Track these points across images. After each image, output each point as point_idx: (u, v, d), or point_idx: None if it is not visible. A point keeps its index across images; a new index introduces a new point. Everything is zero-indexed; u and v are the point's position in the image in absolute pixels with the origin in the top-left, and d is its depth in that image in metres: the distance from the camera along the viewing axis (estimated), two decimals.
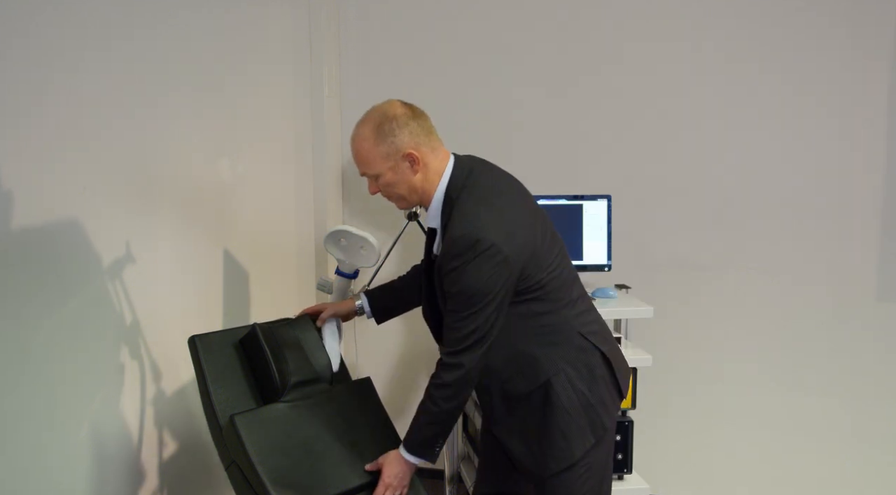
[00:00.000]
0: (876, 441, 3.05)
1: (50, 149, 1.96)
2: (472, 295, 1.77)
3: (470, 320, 1.79)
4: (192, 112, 2.56)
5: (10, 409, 1.86)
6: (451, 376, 1.82)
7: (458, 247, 1.76)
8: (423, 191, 1.90)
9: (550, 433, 1.87)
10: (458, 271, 1.77)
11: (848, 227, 2.99)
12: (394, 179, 1.87)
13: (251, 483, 1.81)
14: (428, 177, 1.88)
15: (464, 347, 1.80)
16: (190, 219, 2.57)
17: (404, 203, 1.95)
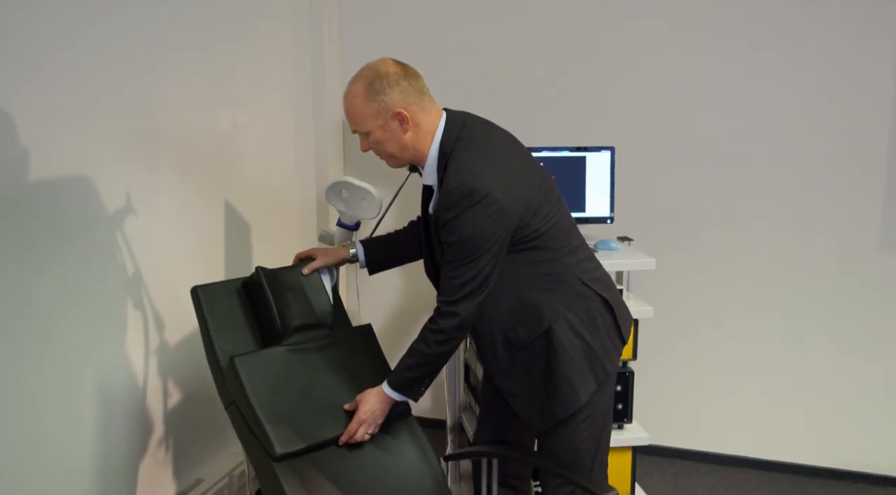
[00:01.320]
0: (877, 390, 3.07)
1: (49, 100, 1.95)
2: (467, 244, 1.78)
3: (466, 269, 1.80)
4: (192, 64, 2.54)
5: (14, 358, 1.87)
6: (447, 323, 1.84)
7: (454, 198, 1.77)
8: (416, 150, 1.90)
9: (555, 380, 1.88)
10: (454, 221, 1.77)
11: (852, 178, 2.97)
12: (384, 137, 1.88)
13: (249, 422, 1.83)
14: (419, 136, 1.89)
15: (460, 296, 1.82)
16: (191, 170, 2.56)
17: (395, 161, 1.96)
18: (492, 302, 1.88)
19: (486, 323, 1.92)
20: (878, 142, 2.92)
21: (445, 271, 1.85)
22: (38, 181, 1.93)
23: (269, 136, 3.08)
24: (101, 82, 2.13)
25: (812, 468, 3.19)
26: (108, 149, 2.17)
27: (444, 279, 1.85)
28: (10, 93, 1.84)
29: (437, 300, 1.88)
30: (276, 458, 1.77)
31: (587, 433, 1.95)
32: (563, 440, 1.95)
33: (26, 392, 1.92)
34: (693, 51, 3.05)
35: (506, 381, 1.98)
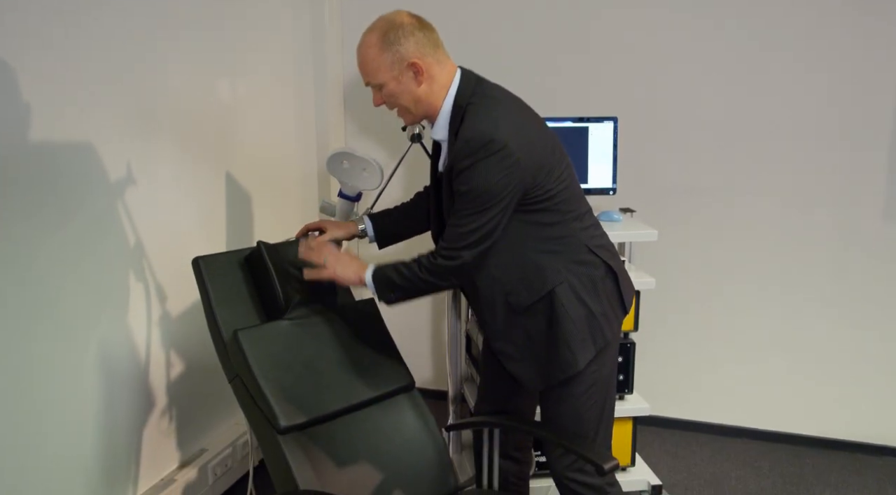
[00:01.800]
0: (876, 361, 3.09)
1: (50, 71, 1.93)
2: (480, 194, 1.76)
3: (474, 218, 1.78)
4: (193, 34, 2.51)
5: (16, 329, 1.88)
6: (446, 263, 1.82)
7: (471, 146, 1.75)
8: (429, 104, 1.87)
9: (554, 343, 1.89)
10: (469, 170, 1.75)
11: (855, 149, 2.95)
12: (397, 89, 1.85)
13: (253, 395, 1.84)
14: (433, 89, 1.86)
15: (464, 244, 1.80)
16: (191, 140, 2.55)
17: (409, 116, 1.93)
18: (496, 262, 1.87)
19: (489, 283, 1.91)
20: (882, 112, 2.90)
21: (453, 220, 1.82)
22: (38, 151, 1.92)
23: (270, 107, 3.06)
24: (102, 53, 2.11)
25: (811, 438, 3.22)
26: (108, 120, 2.16)
27: (449, 227, 1.83)
28: (11, 64, 1.81)
29: (438, 246, 1.86)
30: (281, 431, 1.78)
31: (591, 402, 1.95)
32: (566, 408, 1.95)
33: (28, 362, 1.92)
34: (698, 23, 3.01)
35: (503, 344, 1.97)
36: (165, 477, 2.51)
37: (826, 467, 3.06)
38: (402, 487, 1.91)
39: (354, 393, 1.94)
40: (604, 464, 1.70)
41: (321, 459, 1.82)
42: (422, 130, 2.63)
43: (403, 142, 2.76)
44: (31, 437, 1.95)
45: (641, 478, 2.74)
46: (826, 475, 3.00)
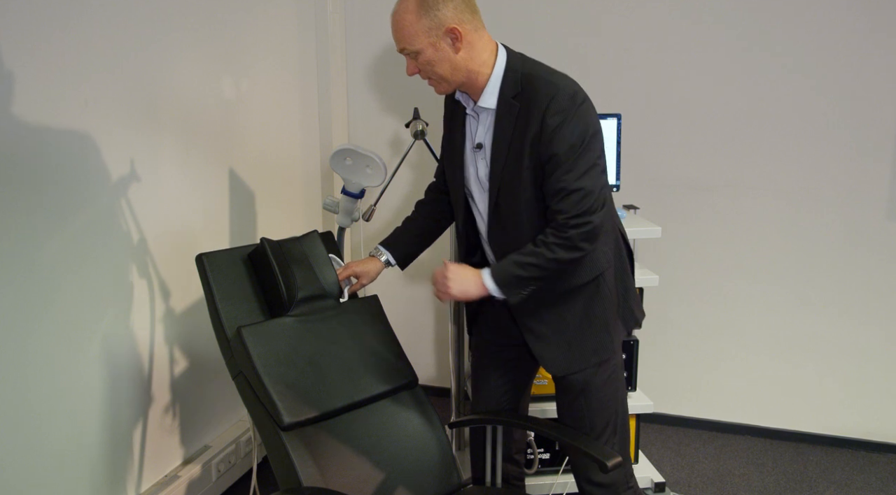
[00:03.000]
0: (880, 359, 3.08)
1: (54, 66, 1.93)
2: (584, 145, 1.73)
3: (588, 177, 1.74)
4: (196, 30, 2.51)
5: (20, 325, 1.88)
6: (578, 230, 1.75)
7: (559, 103, 1.72)
8: (468, 72, 1.81)
9: (592, 325, 1.88)
10: (565, 124, 1.71)
11: (859, 146, 2.94)
12: (434, 57, 1.78)
13: (257, 392, 1.84)
14: (472, 56, 1.79)
15: (587, 207, 1.75)
16: (195, 137, 2.55)
17: (444, 85, 1.85)
18: None
19: None
20: (887, 110, 2.89)
21: (563, 185, 1.74)
22: (42, 147, 1.92)
23: (274, 104, 3.06)
24: (106, 49, 2.11)
25: (814, 435, 3.21)
26: (112, 116, 2.16)
27: (562, 198, 1.75)
28: (16, 58, 1.81)
29: (559, 219, 1.77)
30: (284, 427, 1.78)
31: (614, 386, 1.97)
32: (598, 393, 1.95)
33: (32, 359, 1.93)
34: (704, 19, 3.00)
35: (535, 323, 1.93)
36: (169, 473, 2.52)
37: (829, 464, 3.06)
38: (405, 484, 1.91)
39: (358, 389, 1.94)
40: (607, 461, 1.70)
41: (324, 456, 1.82)
42: (425, 127, 2.62)
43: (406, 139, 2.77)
44: (36, 434, 1.95)
45: (645, 476, 2.74)
46: (829, 472, 2.99)
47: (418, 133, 2.64)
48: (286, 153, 3.18)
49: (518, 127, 1.78)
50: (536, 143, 1.75)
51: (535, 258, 1.78)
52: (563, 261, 1.79)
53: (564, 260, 1.78)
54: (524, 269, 1.79)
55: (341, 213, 2.48)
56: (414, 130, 2.64)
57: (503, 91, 1.81)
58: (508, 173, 1.82)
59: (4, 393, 1.85)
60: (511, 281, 1.81)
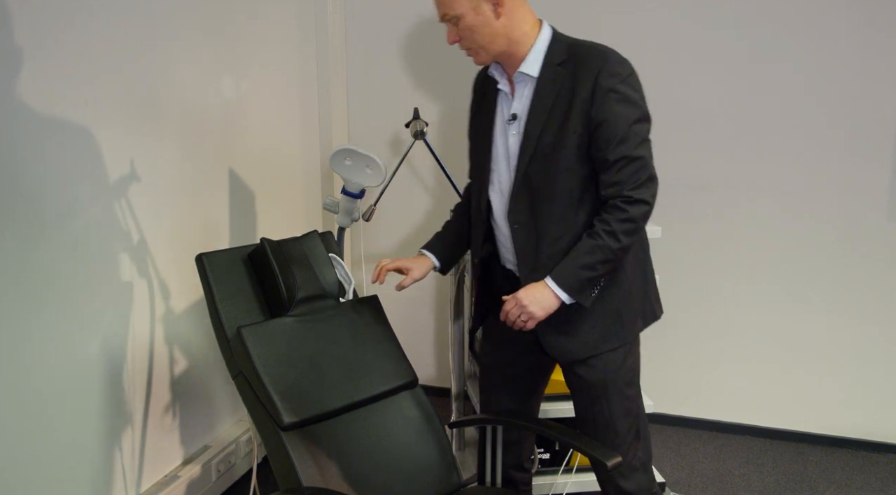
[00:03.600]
0: (879, 359, 3.08)
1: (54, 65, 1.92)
2: (641, 111, 1.73)
3: (644, 148, 1.74)
4: (196, 30, 2.51)
5: (19, 325, 1.88)
6: (638, 210, 1.73)
7: (612, 66, 1.71)
8: (508, 40, 1.79)
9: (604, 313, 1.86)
10: (619, 88, 1.71)
11: (859, 147, 2.94)
12: (475, 23, 1.76)
13: (257, 392, 1.84)
14: (514, 23, 1.78)
15: (644, 179, 1.74)
16: (195, 137, 2.55)
17: (483, 54, 1.82)
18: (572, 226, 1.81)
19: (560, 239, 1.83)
20: (887, 111, 2.89)
21: (621, 154, 1.72)
22: (42, 147, 1.92)
23: (274, 104, 3.06)
24: (106, 49, 2.11)
25: (814, 435, 3.21)
26: (112, 116, 2.16)
27: (620, 167, 1.73)
28: (16, 58, 1.81)
29: (615, 192, 1.74)
30: (284, 427, 1.78)
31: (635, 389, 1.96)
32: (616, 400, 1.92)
33: (32, 359, 1.93)
34: (704, 20, 3.01)
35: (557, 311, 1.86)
36: (169, 473, 2.52)
37: (829, 464, 3.06)
38: (405, 484, 1.91)
39: (358, 389, 1.94)
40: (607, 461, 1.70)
41: (324, 456, 1.82)
42: (425, 127, 2.63)
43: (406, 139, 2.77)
44: (36, 434, 1.95)
45: None
46: (829, 472, 2.99)
47: (418, 133, 2.64)
48: (286, 153, 3.18)
49: (562, 93, 1.76)
50: (586, 106, 1.73)
51: (603, 253, 1.75)
52: (629, 248, 1.77)
53: (628, 246, 1.76)
54: (593, 270, 1.76)
55: (341, 213, 2.48)
56: (414, 130, 2.64)
57: (548, 58, 1.79)
58: (545, 142, 1.79)
59: (4, 394, 1.85)
60: (583, 285, 1.78)
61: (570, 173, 1.79)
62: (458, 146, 3.32)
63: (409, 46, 3.33)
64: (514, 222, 1.89)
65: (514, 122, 1.85)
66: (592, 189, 1.81)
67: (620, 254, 1.77)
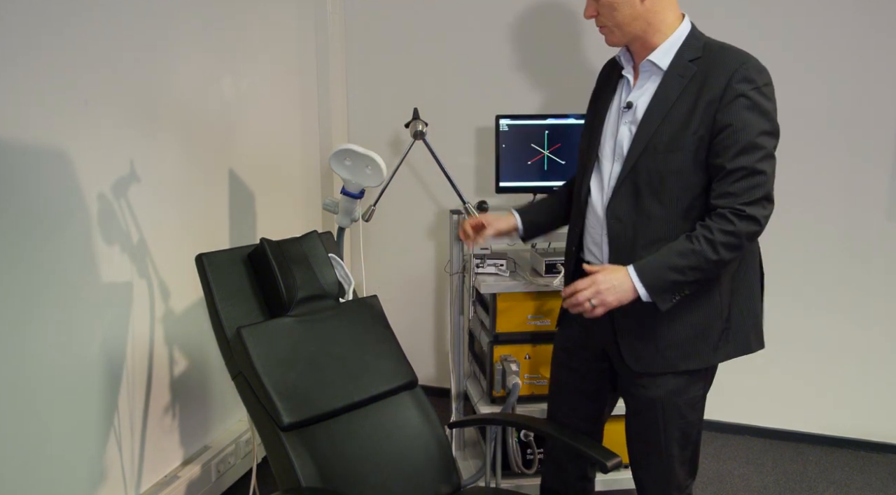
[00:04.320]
0: (881, 361, 3.08)
1: (52, 67, 1.92)
2: (771, 124, 1.62)
3: (768, 163, 1.60)
4: (196, 30, 2.51)
5: (19, 326, 1.88)
6: (746, 227, 1.60)
7: (750, 71, 1.60)
8: (647, 24, 1.71)
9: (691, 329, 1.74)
10: (753, 94, 1.60)
11: (858, 148, 2.94)
12: (618, 0, 1.69)
13: (256, 392, 1.84)
14: (657, 8, 1.70)
15: (758, 198, 1.60)
16: (195, 137, 2.55)
17: (618, 34, 1.75)
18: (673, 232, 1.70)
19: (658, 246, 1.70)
20: (886, 113, 2.89)
21: (742, 164, 1.59)
22: (41, 148, 1.92)
23: (274, 104, 3.06)
24: (106, 48, 2.11)
25: (813, 435, 3.21)
26: (111, 117, 2.16)
27: (738, 178, 1.60)
28: (15, 58, 1.81)
29: (726, 204, 1.61)
30: (284, 428, 1.78)
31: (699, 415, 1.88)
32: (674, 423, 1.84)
33: (32, 360, 1.93)
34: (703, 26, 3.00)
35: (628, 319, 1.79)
36: (169, 473, 2.52)
37: (829, 464, 3.06)
38: (405, 484, 1.91)
39: (357, 390, 1.94)
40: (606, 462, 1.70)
41: (324, 456, 1.82)
42: (425, 127, 2.62)
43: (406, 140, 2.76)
44: (35, 434, 1.95)
45: None
46: (829, 472, 2.99)
47: (418, 133, 2.64)
48: (286, 153, 3.18)
49: (689, 90, 1.67)
50: (712, 107, 1.63)
51: (696, 260, 1.63)
52: (725, 263, 1.65)
53: (726, 261, 1.64)
54: (682, 274, 1.64)
55: (341, 214, 2.48)
56: (413, 130, 2.64)
57: (681, 52, 1.71)
58: (661, 139, 1.69)
59: (4, 395, 1.85)
60: (666, 286, 1.66)
61: (682, 177, 1.68)
62: (458, 146, 3.32)
63: (409, 46, 3.33)
64: (612, 216, 1.78)
65: (628, 111, 1.77)
66: (703, 199, 1.69)
67: (715, 266, 1.65)
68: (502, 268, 2.69)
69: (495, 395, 2.65)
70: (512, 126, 2.85)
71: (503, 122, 2.84)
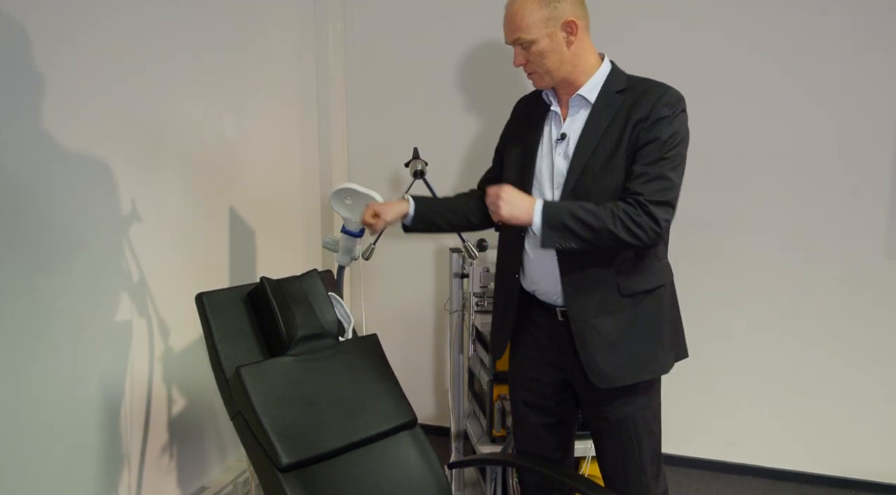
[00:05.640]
0: (883, 398, 3.06)
1: (54, 105, 1.95)
2: (679, 142, 1.78)
3: (676, 174, 1.78)
4: (198, 69, 2.54)
5: (18, 364, 1.87)
6: (645, 222, 1.74)
7: (670, 98, 1.79)
8: (573, 67, 1.86)
9: (649, 335, 1.88)
10: (669, 119, 1.77)
11: (856, 185, 2.96)
12: (548, 48, 1.83)
13: (255, 432, 1.83)
14: (581, 53, 1.86)
15: (666, 200, 1.76)
16: (196, 176, 2.57)
17: (547, 79, 1.89)
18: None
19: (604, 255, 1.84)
20: (882, 148, 2.92)
21: (653, 170, 1.76)
22: (43, 186, 1.93)
23: (274, 143, 3.09)
24: (107, 89, 2.13)
25: (816, 476, 3.18)
26: (113, 156, 2.18)
27: (648, 180, 1.76)
28: (16, 98, 1.84)
29: (638, 198, 1.75)
30: (282, 468, 1.76)
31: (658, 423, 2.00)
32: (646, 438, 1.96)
33: (30, 398, 1.92)
34: (699, 55, 3.05)
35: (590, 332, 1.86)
36: None
37: None
38: None
39: (356, 429, 1.93)
40: None
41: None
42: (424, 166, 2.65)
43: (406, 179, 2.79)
44: (32, 473, 1.93)
45: None
46: None
47: (418, 172, 2.66)
48: (286, 192, 3.20)
49: (618, 116, 1.82)
50: (639, 126, 1.79)
51: (595, 220, 1.75)
52: (616, 239, 1.75)
53: (618, 239, 1.75)
54: (577, 223, 1.75)
55: (341, 252, 2.48)
56: (413, 169, 2.66)
57: (607, 86, 1.87)
58: (595, 161, 1.82)
59: (2, 433, 1.84)
60: (558, 227, 1.77)
61: (616, 194, 1.81)
62: (458, 185, 3.34)
63: (409, 86, 3.37)
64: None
65: (561, 142, 1.89)
66: None
67: (608, 237, 1.75)
68: None
69: (495, 435, 2.64)
70: None
71: None
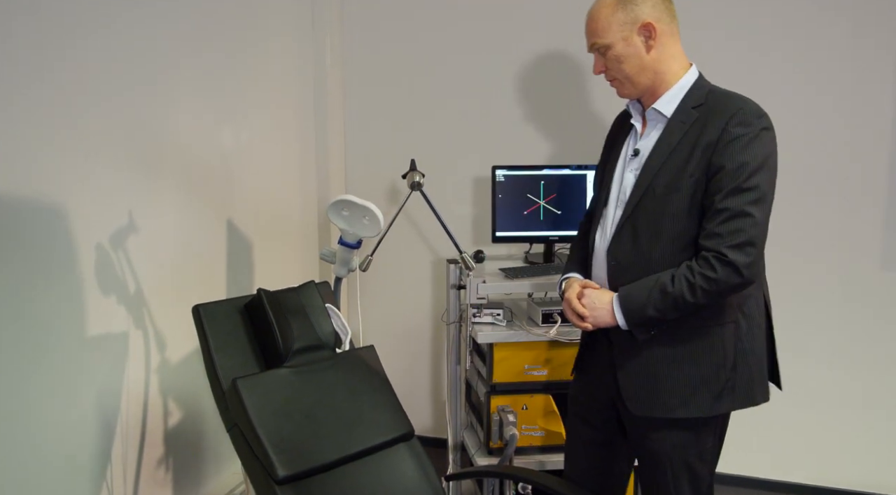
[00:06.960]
0: (879, 409, 3.06)
1: (52, 117, 1.95)
2: (758, 169, 1.61)
3: (759, 207, 1.60)
4: (196, 80, 2.55)
5: (14, 376, 1.87)
6: (728, 276, 1.61)
7: (746, 116, 1.63)
8: (655, 74, 1.76)
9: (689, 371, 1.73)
10: (743, 141, 1.61)
11: (852, 196, 2.97)
12: (624, 53, 1.74)
13: (251, 444, 1.82)
14: (662, 57, 1.75)
15: (750, 239, 1.60)
16: (193, 187, 2.57)
17: (629, 87, 1.80)
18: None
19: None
20: (878, 160, 2.93)
21: (728, 205, 1.61)
22: (40, 198, 1.93)
23: (272, 154, 3.09)
24: (105, 100, 2.14)
25: (812, 487, 3.17)
26: (111, 168, 2.18)
27: (724, 219, 1.62)
28: (12, 110, 1.84)
29: (712, 245, 1.62)
30: (279, 481, 1.76)
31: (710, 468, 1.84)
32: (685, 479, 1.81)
33: (25, 410, 1.91)
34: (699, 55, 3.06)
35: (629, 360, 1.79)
36: None
37: None
38: None
39: (353, 442, 1.92)
40: None
41: None
42: (422, 178, 2.65)
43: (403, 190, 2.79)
44: (29, 486, 1.92)
45: None
46: None
47: (415, 184, 2.66)
48: (284, 204, 3.21)
49: (689, 135, 1.71)
50: (709, 150, 1.66)
51: (675, 302, 1.66)
52: (701, 306, 1.66)
53: (703, 305, 1.66)
54: (660, 313, 1.68)
55: (338, 264, 2.49)
56: (410, 181, 2.66)
57: (685, 100, 1.75)
58: (660, 182, 1.73)
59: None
60: (643, 321, 1.71)
61: (678, 219, 1.71)
62: (455, 196, 3.35)
63: (406, 99, 3.38)
64: (613, 259, 1.82)
65: (635, 158, 1.81)
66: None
67: (693, 308, 1.67)
68: (499, 318, 2.69)
69: (492, 446, 2.63)
70: (508, 176, 2.89)
71: (499, 172, 2.88)
